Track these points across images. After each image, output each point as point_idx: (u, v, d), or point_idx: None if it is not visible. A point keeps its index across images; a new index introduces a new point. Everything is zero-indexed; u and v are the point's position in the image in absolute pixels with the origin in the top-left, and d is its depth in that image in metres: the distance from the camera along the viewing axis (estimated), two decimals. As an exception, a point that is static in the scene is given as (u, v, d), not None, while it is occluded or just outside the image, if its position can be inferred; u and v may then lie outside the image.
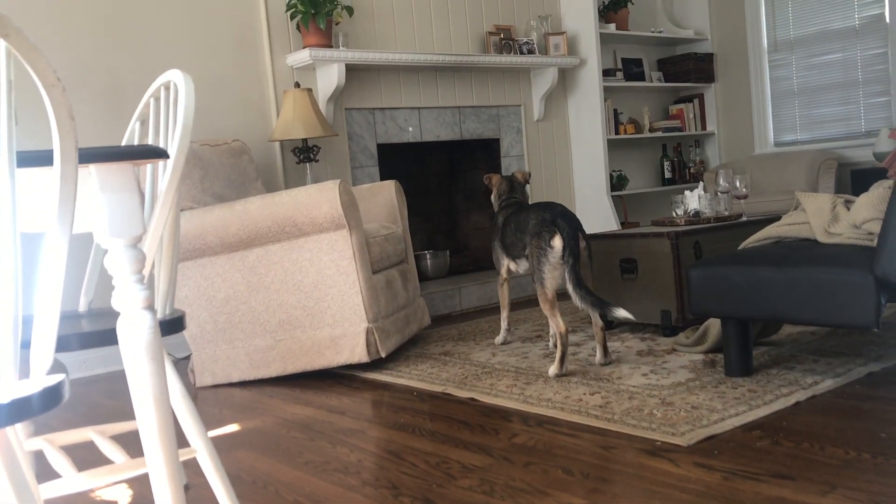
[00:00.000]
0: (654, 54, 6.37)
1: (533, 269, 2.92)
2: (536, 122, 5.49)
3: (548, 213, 2.93)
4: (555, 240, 2.85)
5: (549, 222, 2.89)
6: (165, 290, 1.61)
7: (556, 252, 2.85)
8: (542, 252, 2.87)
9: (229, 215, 3.13)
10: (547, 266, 2.86)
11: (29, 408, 0.96)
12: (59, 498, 2.03)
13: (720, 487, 1.72)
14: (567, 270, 2.82)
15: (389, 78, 4.77)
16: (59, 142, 1.01)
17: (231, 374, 3.23)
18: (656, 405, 2.36)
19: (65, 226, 1.04)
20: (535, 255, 2.89)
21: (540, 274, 2.88)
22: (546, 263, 2.86)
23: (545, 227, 2.89)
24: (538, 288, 2.89)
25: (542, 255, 2.87)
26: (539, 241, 2.89)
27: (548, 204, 3.02)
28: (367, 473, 2.03)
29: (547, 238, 2.87)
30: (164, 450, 1.30)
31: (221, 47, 4.18)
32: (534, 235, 2.92)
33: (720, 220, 3.62)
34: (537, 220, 2.94)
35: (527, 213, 3.05)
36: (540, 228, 2.90)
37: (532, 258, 2.92)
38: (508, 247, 3.19)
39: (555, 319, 2.87)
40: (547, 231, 2.87)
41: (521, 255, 3.13)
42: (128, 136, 1.89)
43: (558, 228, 2.86)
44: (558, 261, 2.85)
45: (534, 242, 2.91)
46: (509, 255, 3.21)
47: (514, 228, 3.13)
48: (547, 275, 2.86)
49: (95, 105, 3.77)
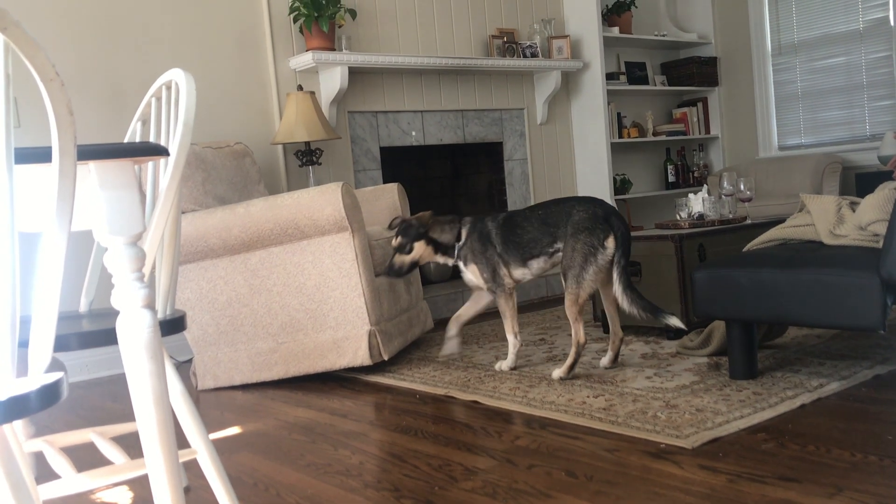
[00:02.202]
0: (657, 58, 6.36)
1: (570, 266, 2.71)
2: (540, 125, 5.49)
3: (599, 208, 2.74)
4: (609, 240, 2.69)
5: (602, 219, 2.71)
6: (166, 289, 1.60)
7: (608, 252, 2.69)
8: (592, 250, 2.68)
9: (231, 217, 3.12)
10: (593, 267, 2.69)
11: (27, 405, 0.95)
12: (58, 499, 2.02)
13: (725, 490, 1.71)
14: (618, 272, 2.70)
15: (392, 81, 4.77)
16: (58, 137, 1.00)
17: (233, 376, 3.22)
18: (660, 408, 2.34)
19: (63, 222, 1.03)
20: (581, 252, 2.69)
21: (580, 273, 2.69)
22: (593, 263, 2.68)
23: (598, 223, 2.70)
24: (572, 288, 2.71)
25: (590, 253, 2.68)
26: (590, 237, 2.69)
27: (591, 199, 2.82)
28: (369, 476, 2.02)
29: (601, 236, 2.69)
30: (163, 449, 1.29)
31: (224, 50, 4.17)
32: (581, 231, 2.71)
33: (724, 223, 3.61)
34: (588, 215, 2.72)
35: (560, 207, 2.82)
36: (592, 224, 2.70)
37: (573, 255, 2.71)
38: (524, 246, 2.85)
39: (578, 327, 2.74)
40: (601, 229, 2.69)
41: (542, 252, 2.84)
42: (129, 135, 1.89)
43: (612, 227, 2.71)
44: (607, 262, 2.70)
45: (581, 238, 2.70)
46: (522, 258, 2.87)
47: (535, 223, 2.84)
48: (590, 276, 2.69)
49: (97, 106, 3.77)
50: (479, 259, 2.92)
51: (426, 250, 2.96)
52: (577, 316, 2.76)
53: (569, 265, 2.74)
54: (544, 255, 2.86)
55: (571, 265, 2.73)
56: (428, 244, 2.95)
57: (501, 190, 5.33)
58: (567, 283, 2.75)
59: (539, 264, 2.88)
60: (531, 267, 2.89)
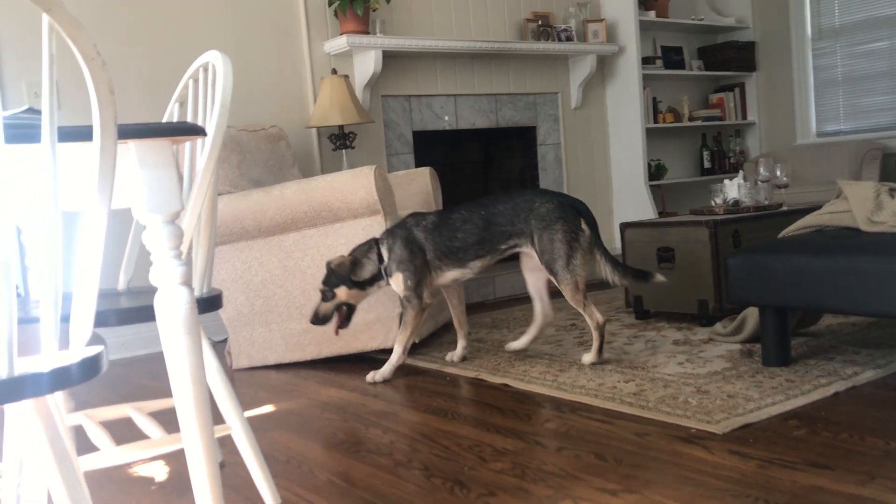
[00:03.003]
0: (694, 42, 6.28)
1: (556, 258, 2.72)
2: (574, 110, 5.45)
3: (561, 197, 2.79)
4: (583, 224, 2.74)
5: (569, 206, 2.76)
6: (203, 268, 1.63)
7: (586, 236, 2.74)
8: (574, 237, 2.71)
9: (266, 200, 3.16)
10: (580, 252, 2.72)
11: (69, 377, 0.98)
12: (97, 471, 2.07)
13: (755, 475, 1.70)
14: (600, 252, 2.77)
15: (426, 65, 4.77)
16: (99, 115, 1.03)
17: (267, 356, 3.27)
18: (691, 393, 2.33)
19: (104, 199, 1.06)
20: (563, 241, 2.71)
21: (569, 262, 2.71)
22: (578, 249, 2.72)
23: (567, 211, 2.74)
24: (567, 278, 2.72)
25: (573, 240, 2.71)
26: (567, 224, 2.72)
27: (544, 190, 2.85)
28: (399, 455, 2.04)
29: (576, 222, 2.73)
30: (199, 423, 1.32)
31: (260, 34, 4.21)
32: (555, 221, 2.72)
33: (760, 210, 3.57)
34: (554, 205, 2.75)
35: (512, 203, 2.79)
36: (563, 213, 2.73)
37: (555, 246, 2.72)
38: (468, 248, 2.79)
39: (591, 310, 2.76)
40: (572, 214, 2.74)
41: (491, 251, 2.80)
42: (167, 117, 1.92)
43: (580, 212, 2.77)
44: (588, 245, 2.75)
45: (558, 227, 2.72)
46: (462, 259, 2.81)
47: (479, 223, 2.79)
48: (579, 261, 2.72)
49: (134, 88, 3.82)
50: (406, 266, 2.81)
51: (353, 292, 2.84)
52: (585, 301, 2.76)
53: (554, 257, 2.74)
54: (492, 254, 2.83)
55: (557, 257, 2.73)
56: (351, 287, 2.83)
57: (534, 175, 5.31)
58: (558, 275, 2.74)
59: (483, 263, 2.85)
60: (472, 267, 2.85)
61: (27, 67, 3.53)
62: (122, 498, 1.90)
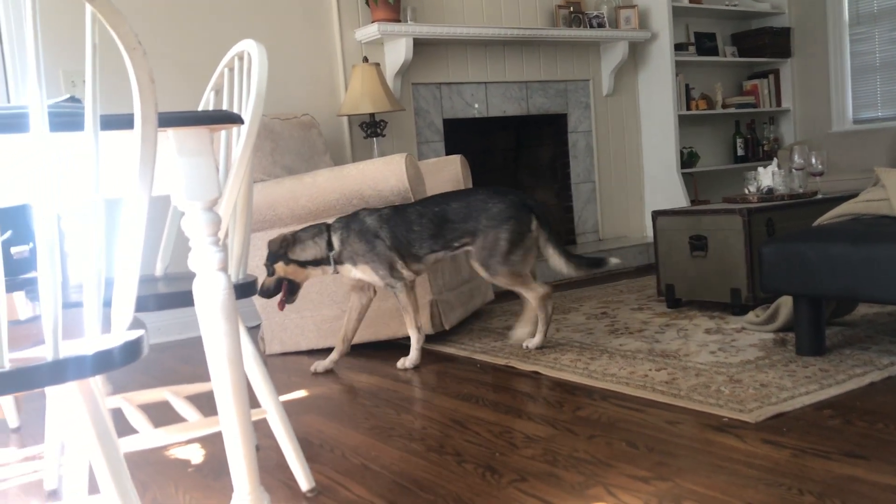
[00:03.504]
0: (728, 28, 6.20)
1: (492, 255, 2.76)
2: (605, 97, 5.42)
3: (513, 196, 2.82)
4: (533, 223, 2.80)
5: (521, 205, 2.80)
6: (239, 255, 1.66)
7: (534, 235, 2.81)
8: (520, 237, 2.77)
9: (299, 187, 3.19)
10: (521, 250, 2.78)
11: (111, 360, 1.00)
12: (135, 453, 2.12)
13: (789, 464, 1.69)
14: (553, 246, 2.84)
15: (457, 52, 4.76)
16: (140, 104, 1.05)
17: (299, 342, 3.30)
18: (724, 382, 2.32)
19: (145, 186, 1.08)
20: (506, 240, 2.76)
21: (506, 258, 2.76)
22: (521, 247, 2.78)
23: (520, 210, 2.79)
24: (501, 270, 2.77)
25: (518, 240, 2.77)
26: (517, 224, 2.77)
27: (498, 189, 2.86)
28: (431, 440, 2.06)
29: (526, 221, 2.79)
30: (236, 405, 1.34)
31: (292, 22, 4.23)
32: (506, 220, 2.76)
33: (794, 198, 3.53)
34: (506, 205, 2.78)
35: (465, 201, 2.82)
36: (515, 212, 2.77)
37: (497, 244, 2.76)
38: (422, 241, 2.83)
39: (533, 285, 2.82)
40: (524, 213, 2.79)
41: (445, 247, 2.84)
42: (203, 105, 1.94)
43: (532, 210, 2.81)
44: (534, 243, 2.81)
45: (507, 227, 2.76)
46: (417, 253, 2.85)
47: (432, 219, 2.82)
48: (518, 258, 2.78)
49: (169, 77, 3.86)
50: (370, 257, 2.82)
51: (290, 269, 2.85)
52: (523, 281, 2.82)
53: (493, 253, 2.78)
54: (446, 250, 2.86)
55: (496, 253, 2.78)
56: (288, 264, 2.84)
57: (565, 163, 5.29)
58: (489, 270, 2.79)
59: (437, 258, 2.88)
60: (426, 262, 2.88)
61: (64, 56, 3.59)
62: (159, 480, 1.94)
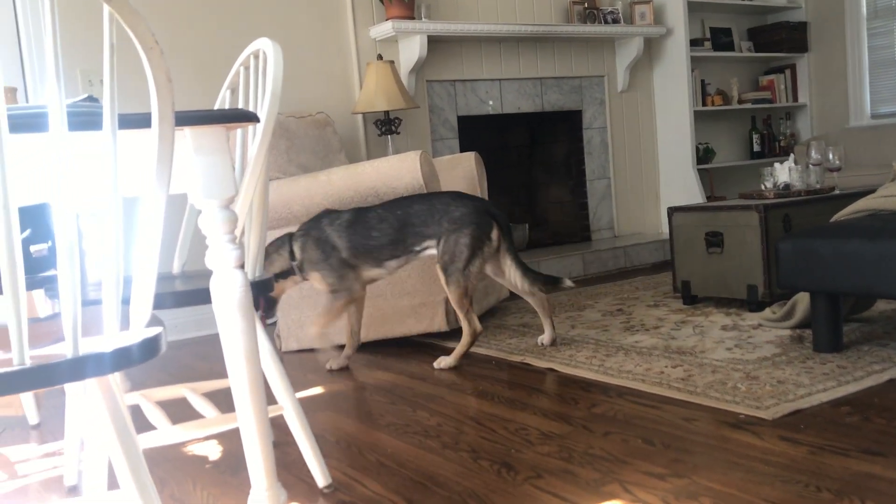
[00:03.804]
0: (744, 23, 6.16)
1: (453, 260, 2.71)
2: (620, 93, 5.40)
3: (477, 202, 2.77)
4: (494, 231, 2.75)
5: (484, 212, 2.75)
6: (255, 252, 1.67)
7: (493, 244, 2.75)
8: (479, 244, 2.71)
9: (314, 185, 3.20)
10: (479, 259, 2.73)
11: (130, 357, 1.01)
12: (153, 449, 2.13)
13: (806, 461, 1.69)
14: (511, 258, 2.79)
15: (471, 49, 4.76)
16: (157, 103, 1.06)
17: (315, 339, 3.31)
18: (740, 379, 2.31)
19: (162, 184, 1.09)
20: (467, 246, 2.71)
21: (466, 267, 2.71)
22: (479, 256, 2.72)
23: (482, 216, 2.74)
24: (459, 282, 2.71)
25: (477, 247, 2.71)
26: (477, 231, 2.71)
27: (461, 193, 2.82)
28: (446, 437, 2.06)
29: (487, 229, 2.73)
30: (253, 402, 1.35)
31: (306, 20, 4.24)
32: (466, 225, 2.71)
33: (811, 194, 3.50)
34: (468, 210, 2.74)
35: (428, 205, 2.78)
36: (476, 218, 2.73)
37: (457, 249, 2.71)
38: (383, 247, 2.80)
39: (471, 317, 2.77)
40: (485, 221, 2.74)
41: (406, 252, 2.81)
42: (219, 104, 1.95)
43: (494, 218, 2.77)
44: (492, 253, 2.76)
45: (467, 232, 2.71)
46: (378, 258, 2.82)
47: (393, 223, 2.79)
48: (476, 268, 2.72)
49: (185, 76, 3.89)
50: (321, 266, 2.81)
51: None
52: (468, 307, 2.77)
53: (451, 259, 2.73)
54: (408, 255, 2.82)
55: (455, 259, 2.73)
56: None
57: (580, 159, 5.28)
58: (450, 277, 2.73)
59: (399, 263, 2.86)
60: (388, 267, 2.85)
61: (81, 55, 3.61)
62: (177, 476, 1.96)
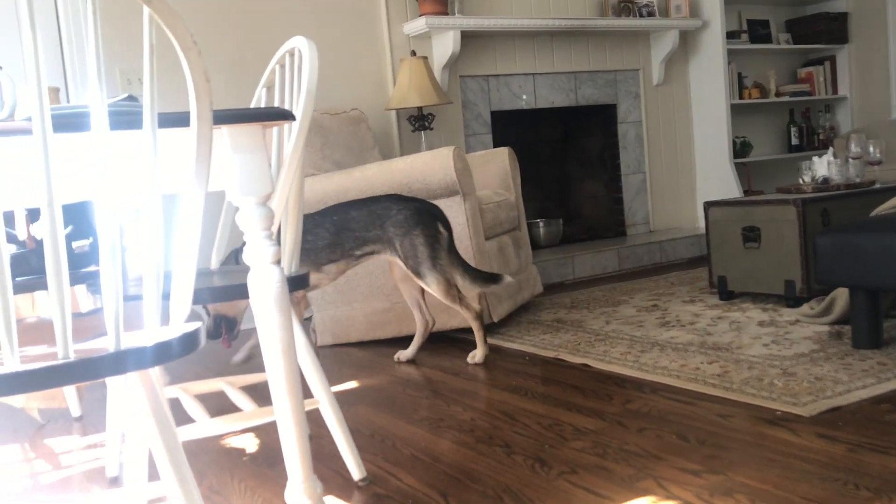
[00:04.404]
0: (782, 15, 6.06)
1: (421, 261, 2.74)
2: (656, 86, 5.35)
3: (417, 203, 2.79)
4: (441, 227, 2.78)
5: (426, 211, 2.78)
6: (291, 248, 1.69)
7: (444, 238, 2.78)
8: (434, 239, 2.74)
9: (348, 181, 3.22)
10: (443, 252, 2.75)
11: (170, 351, 1.04)
12: (191, 442, 2.17)
13: (844, 459, 1.67)
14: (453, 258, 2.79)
15: (504, 44, 4.75)
16: (196, 102, 1.08)
17: (350, 334, 3.34)
18: (777, 375, 2.29)
19: (201, 182, 1.11)
20: (426, 244, 2.74)
21: (435, 262, 2.74)
22: (441, 250, 2.75)
23: (425, 215, 2.76)
24: (438, 277, 2.74)
25: (435, 241, 2.74)
26: (427, 228, 2.74)
27: (399, 196, 2.84)
28: (480, 432, 2.07)
29: (435, 225, 2.76)
30: (290, 395, 1.37)
31: (340, 17, 4.26)
32: (416, 226, 2.75)
33: (851, 188, 3.45)
34: (412, 211, 2.76)
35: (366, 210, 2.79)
36: (421, 217, 2.75)
37: (418, 249, 2.74)
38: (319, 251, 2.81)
39: (466, 302, 2.79)
40: (430, 218, 2.76)
41: (344, 256, 2.82)
42: (255, 102, 1.98)
43: (436, 216, 2.79)
44: (448, 246, 2.79)
45: (419, 231, 2.74)
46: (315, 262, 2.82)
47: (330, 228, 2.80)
48: (444, 260, 2.75)
49: (221, 74, 3.93)
50: None
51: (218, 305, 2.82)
52: (458, 295, 2.79)
53: (419, 261, 2.74)
54: (347, 259, 2.82)
55: (421, 260, 2.74)
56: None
57: (615, 153, 5.24)
58: (425, 277, 2.75)
59: (338, 268, 2.84)
60: (328, 272, 2.85)
61: (120, 55, 3.68)
62: (215, 468, 1.99)
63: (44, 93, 0.90)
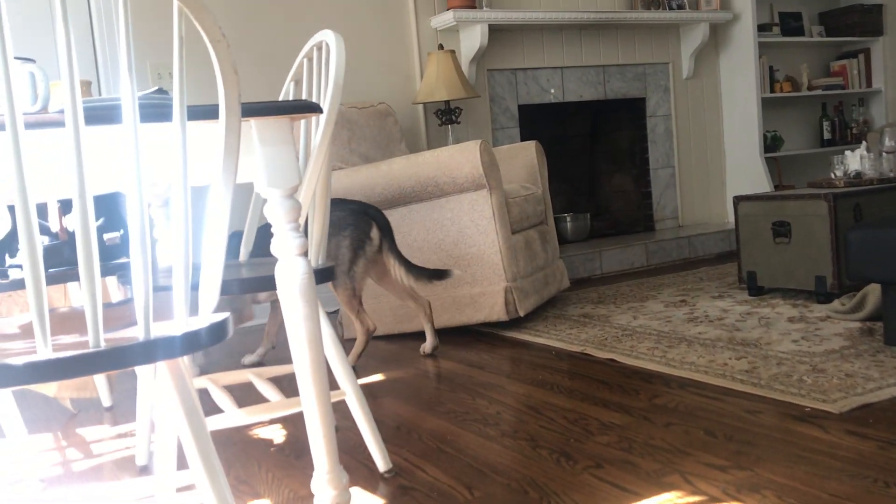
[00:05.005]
0: (815, 7, 5.97)
1: (338, 265, 2.75)
2: (685, 80, 5.30)
3: (353, 205, 2.78)
4: (373, 230, 2.76)
5: (361, 213, 2.76)
6: (318, 241, 1.70)
7: (375, 243, 2.77)
8: (360, 245, 2.74)
9: (375, 175, 3.23)
10: (363, 260, 2.75)
11: (198, 341, 1.05)
12: (219, 432, 2.20)
13: (875, 457, 1.65)
14: (394, 256, 2.79)
15: (532, 37, 4.73)
16: (224, 95, 1.09)
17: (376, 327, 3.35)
18: (806, 372, 2.26)
19: (229, 174, 1.12)
20: (349, 248, 2.74)
21: (351, 269, 2.74)
22: (362, 257, 2.75)
23: (358, 218, 2.75)
24: (346, 284, 2.75)
25: (359, 247, 2.74)
26: (356, 232, 2.74)
27: (338, 200, 2.84)
28: (505, 425, 2.07)
29: (365, 229, 2.75)
30: (316, 387, 1.38)
31: (368, 11, 4.27)
32: (345, 228, 2.75)
33: (884, 182, 3.39)
34: (345, 213, 2.77)
35: None
36: (354, 220, 2.75)
37: (339, 252, 2.75)
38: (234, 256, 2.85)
39: (363, 316, 2.79)
40: (363, 221, 2.75)
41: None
42: (283, 95, 1.99)
43: (372, 218, 2.77)
44: (375, 252, 2.77)
45: (346, 234, 2.75)
46: None
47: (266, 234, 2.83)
48: (360, 269, 2.75)
49: (249, 68, 3.96)
50: None
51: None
52: (358, 307, 2.79)
53: (336, 263, 2.74)
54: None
55: (338, 262, 2.74)
56: None
57: (644, 147, 5.21)
58: (336, 280, 2.75)
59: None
60: None
61: (150, 49, 3.72)
62: (243, 458, 2.01)
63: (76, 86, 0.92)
